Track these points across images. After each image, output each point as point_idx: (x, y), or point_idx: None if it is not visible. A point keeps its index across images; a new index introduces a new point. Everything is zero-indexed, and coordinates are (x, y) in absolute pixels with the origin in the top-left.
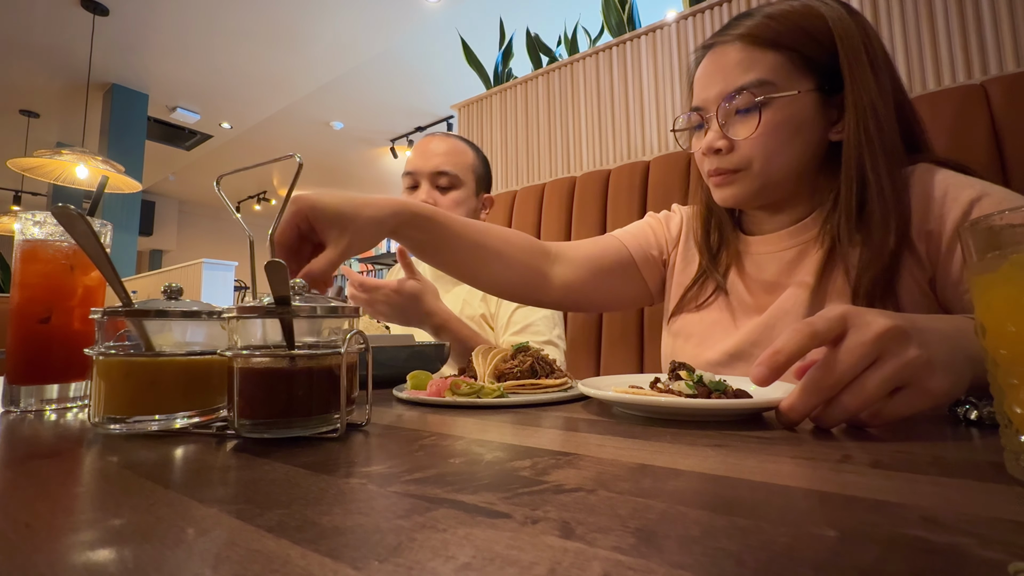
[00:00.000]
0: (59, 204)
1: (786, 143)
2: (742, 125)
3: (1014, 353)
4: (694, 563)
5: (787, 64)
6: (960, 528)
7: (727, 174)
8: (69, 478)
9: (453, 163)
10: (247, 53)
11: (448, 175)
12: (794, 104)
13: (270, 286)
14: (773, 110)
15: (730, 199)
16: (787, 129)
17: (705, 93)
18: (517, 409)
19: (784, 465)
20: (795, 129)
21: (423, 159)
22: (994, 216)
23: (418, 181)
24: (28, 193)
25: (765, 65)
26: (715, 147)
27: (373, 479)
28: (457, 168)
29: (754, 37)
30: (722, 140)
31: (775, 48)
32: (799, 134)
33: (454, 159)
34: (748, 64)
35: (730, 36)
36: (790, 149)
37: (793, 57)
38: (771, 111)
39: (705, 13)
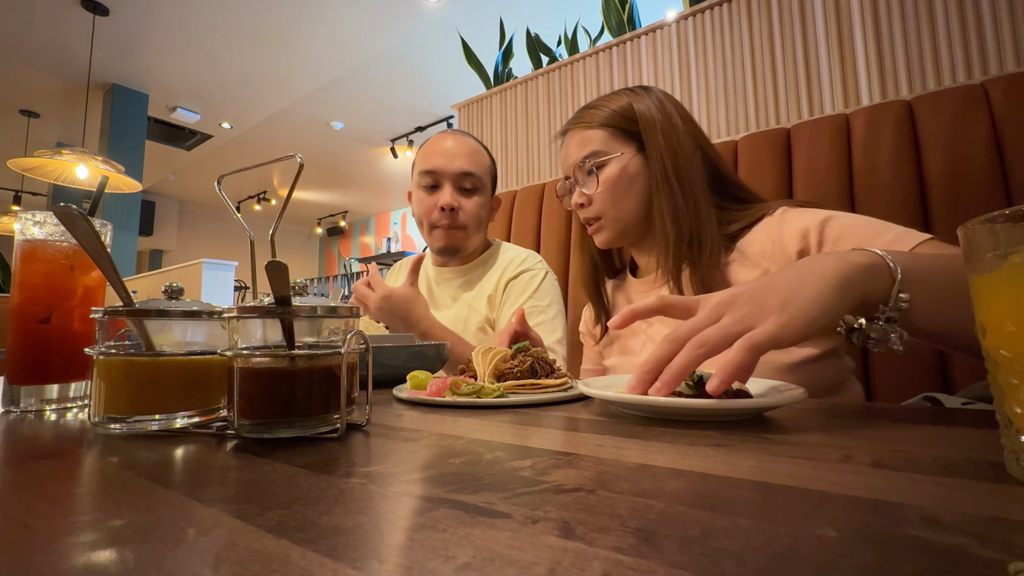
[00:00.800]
0: (61, 204)
1: (623, 193)
2: (590, 183)
3: (1014, 353)
4: (694, 563)
5: (610, 137)
6: (960, 528)
7: (594, 221)
8: (69, 478)
9: (476, 164)
10: (247, 53)
11: (473, 176)
12: (620, 163)
13: (270, 286)
14: (607, 169)
15: (604, 242)
16: (622, 182)
17: (566, 165)
18: (517, 409)
19: (784, 465)
20: (629, 181)
21: (446, 159)
22: (994, 216)
23: (440, 181)
24: (28, 193)
25: (596, 140)
26: (578, 203)
27: (373, 479)
28: (480, 170)
29: (587, 123)
30: (581, 197)
31: (600, 126)
32: (633, 184)
33: (477, 160)
34: (586, 141)
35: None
36: (628, 197)
37: (615, 132)
38: (606, 170)
39: (705, 13)
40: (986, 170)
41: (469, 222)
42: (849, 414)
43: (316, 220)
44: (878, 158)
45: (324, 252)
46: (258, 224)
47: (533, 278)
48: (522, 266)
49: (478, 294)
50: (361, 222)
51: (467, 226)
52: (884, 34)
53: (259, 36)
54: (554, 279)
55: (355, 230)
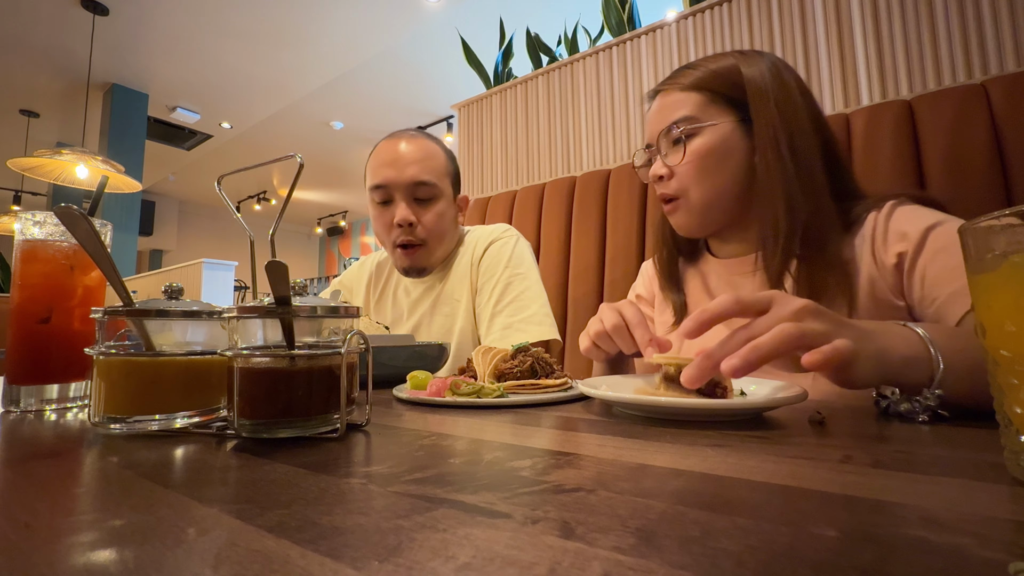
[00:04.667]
0: (61, 204)
1: (714, 168)
2: (675, 155)
3: (1014, 353)
4: (694, 563)
5: (707, 102)
6: (960, 528)
7: (672, 200)
8: (69, 478)
9: (430, 170)
10: (247, 53)
11: (427, 185)
12: (715, 133)
13: (270, 286)
14: (698, 139)
15: (682, 227)
16: (715, 155)
17: (650, 131)
18: (517, 409)
19: (784, 465)
20: (722, 155)
21: (396, 169)
22: (994, 216)
23: (392, 195)
24: (28, 193)
25: (690, 104)
26: (657, 174)
27: (373, 479)
28: (435, 175)
29: (681, 83)
30: (663, 168)
31: (696, 89)
32: (727, 160)
33: (430, 164)
34: (676, 104)
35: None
36: (718, 175)
37: (714, 97)
38: (697, 140)
39: (705, 13)
40: (986, 170)
41: (429, 237)
42: (849, 414)
43: (316, 220)
44: (878, 158)
45: (324, 252)
46: (258, 224)
47: (503, 246)
48: (491, 237)
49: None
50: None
51: (427, 241)
52: (884, 34)
53: (259, 36)
54: (527, 245)
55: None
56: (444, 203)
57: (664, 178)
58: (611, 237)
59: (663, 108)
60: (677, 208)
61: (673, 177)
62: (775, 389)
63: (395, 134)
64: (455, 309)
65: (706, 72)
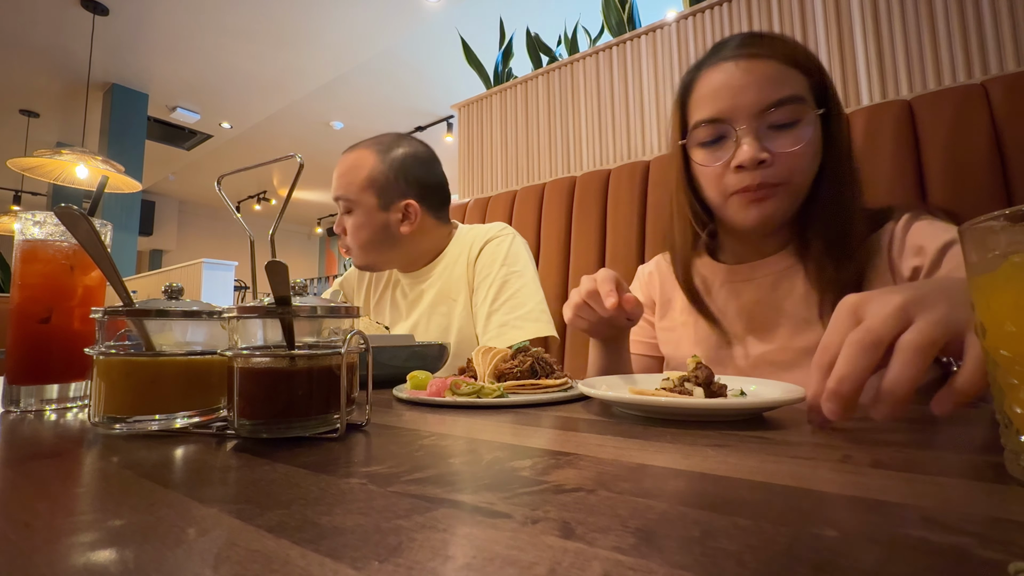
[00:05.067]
0: (62, 204)
1: (813, 161)
2: (783, 138)
3: (1014, 353)
4: (694, 563)
5: (807, 85)
6: (960, 528)
7: (769, 188)
8: (69, 478)
9: (345, 185)
10: (247, 53)
11: (341, 199)
12: (814, 124)
13: (270, 286)
14: (806, 127)
15: (768, 217)
16: (814, 147)
17: (733, 102)
18: (517, 409)
19: (784, 465)
20: (816, 148)
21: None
22: (994, 216)
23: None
24: (28, 193)
25: (799, 83)
26: (760, 158)
27: (373, 479)
28: (349, 189)
29: (785, 56)
30: (765, 152)
31: (798, 68)
32: (818, 154)
33: (346, 179)
34: (783, 79)
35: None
36: (813, 167)
37: (809, 80)
38: (805, 127)
39: (705, 13)
40: (986, 170)
41: (352, 244)
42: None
43: (316, 220)
44: (878, 158)
45: (324, 252)
46: (258, 224)
47: (499, 245)
48: (487, 236)
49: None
50: None
51: (351, 248)
52: (884, 34)
53: (259, 36)
54: (523, 242)
55: None
56: (359, 216)
57: (764, 163)
58: (611, 237)
59: (759, 79)
60: (773, 196)
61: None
62: (775, 389)
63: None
64: (452, 309)
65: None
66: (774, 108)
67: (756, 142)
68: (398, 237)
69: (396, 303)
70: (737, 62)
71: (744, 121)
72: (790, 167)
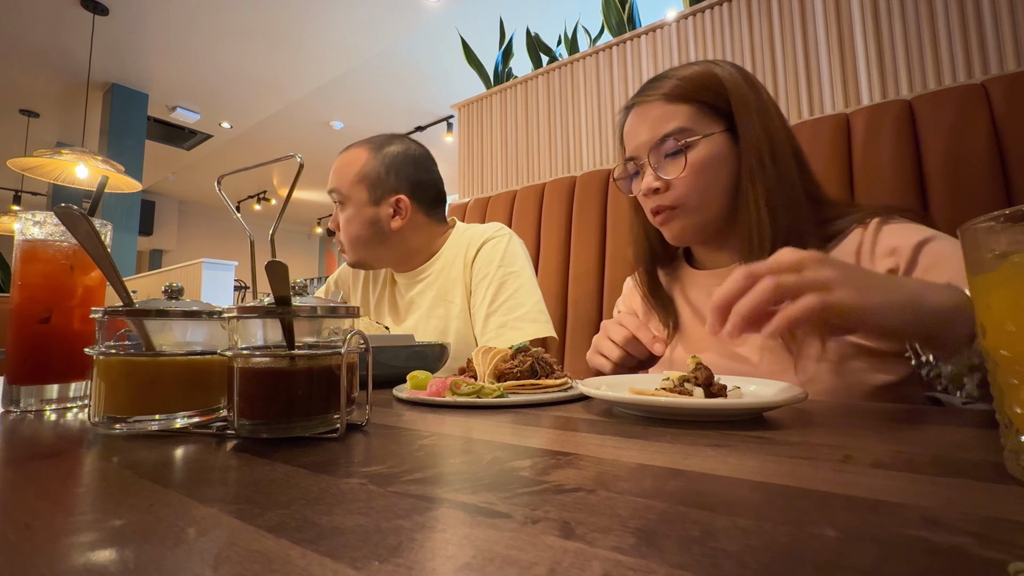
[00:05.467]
0: (62, 204)
1: (711, 179)
2: (672, 166)
3: (1014, 353)
4: (694, 563)
5: (698, 113)
6: (960, 528)
7: (667, 211)
8: (69, 478)
9: (338, 180)
10: (247, 53)
11: (334, 192)
12: (711, 144)
13: (270, 286)
14: (696, 151)
15: (677, 236)
16: (710, 166)
17: (635, 143)
18: (517, 409)
19: (784, 465)
20: (718, 165)
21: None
22: (994, 216)
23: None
24: (28, 193)
25: (682, 115)
26: (652, 187)
27: (373, 479)
28: (342, 184)
29: (669, 95)
30: (657, 181)
31: (687, 101)
32: (720, 169)
33: (340, 174)
34: (668, 116)
35: (650, 96)
36: (714, 184)
37: (702, 108)
38: (694, 152)
39: (705, 13)
40: (986, 170)
41: (345, 239)
42: (849, 414)
43: (316, 220)
44: (878, 158)
45: (324, 252)
46: (258, 224)
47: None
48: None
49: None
50: None
51: (343, 243)
52: (884, 34)
53: (259, 36)
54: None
55: None
56: (350, 210)
57: (659, 191)
58: (611, 237)
59: (649, 120)
60: (673, 218)
61: (669, 189)
62: (775, 389)
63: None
64: (449, 310)
65: (688, 82)
66: (661, 142)
67: (651, 174)
68: (388, 232)
69: (394, 304)
70: (635, 109)
71: (643, 157)
72: (681, 190)
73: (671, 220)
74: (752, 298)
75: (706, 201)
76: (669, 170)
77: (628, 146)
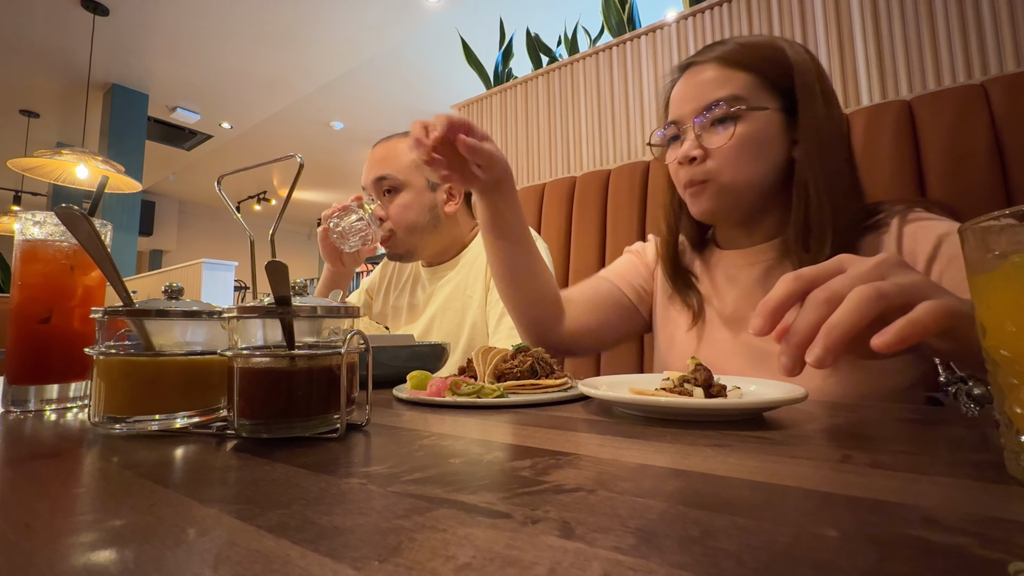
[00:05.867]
0: (63, 205)
1: (754, 156)
2: (716, 135)
3: (1014, 353)
4: (694, 563)
5: (755, 84)
6: (960, 528)
7: (698, 184)
8: (69, 478)
9: (391, 166)
10: (247, 53)
11: (387, 179)
12: (762, 120)
13: (270, 286)
14: (745, 123)
15: (706, 211)
16: (755, 142)
17: (682, 107)
18: (517, 409)
19: (784, 465)
20: (762, 143)
21: (366, 171)
22: (994, 216)
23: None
24: (28, 193)
25: (737, 83)
26: (690, 155)
27: (373, 479)
28: (395, 170)
29: (727, 59)
30: (697, 149)
31: (745, 69)
32: (765, 148)
33: (391, 162)
34: (722, 81)
35: (706, 58)
36: (756, 163)
37: (760, 79)
38: (743, 124)
39: (705, 13)
40: (986, 170)
41: (396, 227)
42: (849, 414)
43: (316, 220)
44: (878, 158)
45: None
46: (258, 224)
47: None
48: None
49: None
50: None
51: (395, 231)
52: (884, 34)
53: (259, 36)
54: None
55: None
56: (409, 195)
57: (696, 160)
58: (611, 237)
59: (700, 83)
60: (704, 191)
61: (707, 160)
62: (775, 389)
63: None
64: (467, 304)
65: (750, 50)
66: (710, 109)
67: (692, 141)
68: (442, 218)
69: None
70: (688, 71)
71: (687, 122)
72: (717, 163)
73: (702, 194)
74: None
75: (744, 179)
76: (713, 139)
77: (673, 109)
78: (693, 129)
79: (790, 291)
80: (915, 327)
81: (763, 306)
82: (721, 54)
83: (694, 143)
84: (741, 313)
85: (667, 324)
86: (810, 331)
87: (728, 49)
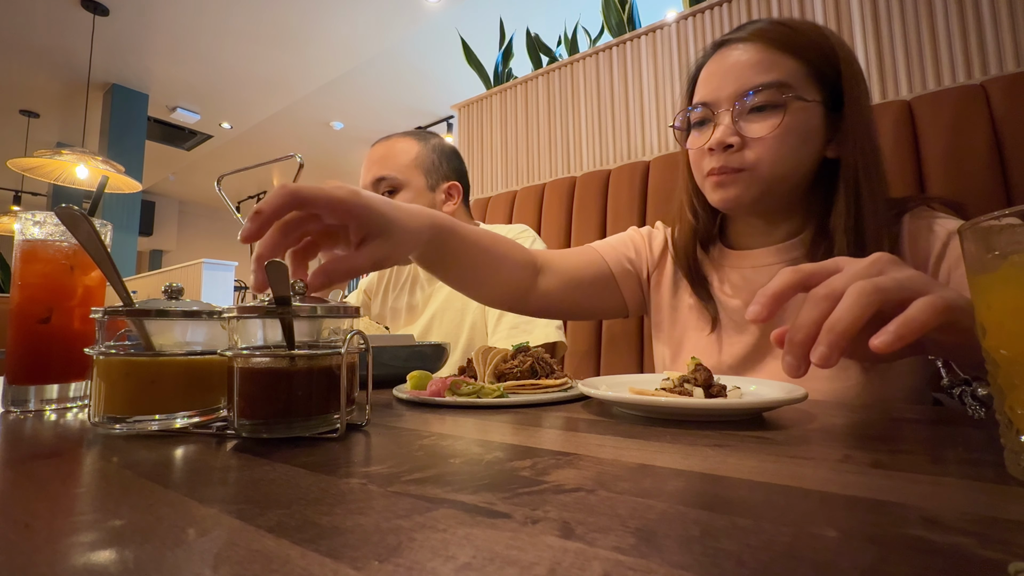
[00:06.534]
0: (63, 205)
1: (794, 149)
2: (758, 124)
3: (1014, 353)
4: (694, 563)
5: (802, 71)
6: (960, 528)
7: (730, 173)
8: (69, 478)
9: (390, 166)
10: (247, 53)
11: (386, 179)
12: (808, 112)
13: (270, 286)
14: (792, 114)
15: (731, 200)
16: (798, 135)
17: (718, 89)
18: (517, 409)
19: (784, 465)
20: (804, 136)
21: (365, 171)
22: (994, 216)
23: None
24: (28, 193)
25: (784, 68)
26: (726, 142)
27: (373, 479)
28: (395, 170)
29: (773, 40)
30: (734, 136)
31: (793, 54)
32: (807, 142)
33: (390, 162)
34: (768, 64)
35: (746, 34)
36: (796, 156)
37: (807, 67)
38: (789, 114)
39: (705, 13)
40: (986, 170)
41: None
42: (849, 414)
43: None
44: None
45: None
46: None
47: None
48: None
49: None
50: None
51: None
52: (884, 34)
53: (259, 36)
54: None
55: None
56: (408, 195)
57: (731, 147)
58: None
59: (743, 65)
60: (736, 181)
61: (743, 149)
62: (775, 389)
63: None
64: (467, 304)
65: (799, 34)
66: (752, 94)
67: (729, 126)
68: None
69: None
70: (723, 49)
71: (724, 105)
72: (757, 153)
73: (731, 184)
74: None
75: (781, 173)
76: (754, 127)
77: (704, 90)
78: (731, 113)
79: (789, 282)
80: (912, 324)
81: (762, 294)
82: (766, 34)
83: (731, 128)
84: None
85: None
86: (812, 327)
87: (778, 30)
